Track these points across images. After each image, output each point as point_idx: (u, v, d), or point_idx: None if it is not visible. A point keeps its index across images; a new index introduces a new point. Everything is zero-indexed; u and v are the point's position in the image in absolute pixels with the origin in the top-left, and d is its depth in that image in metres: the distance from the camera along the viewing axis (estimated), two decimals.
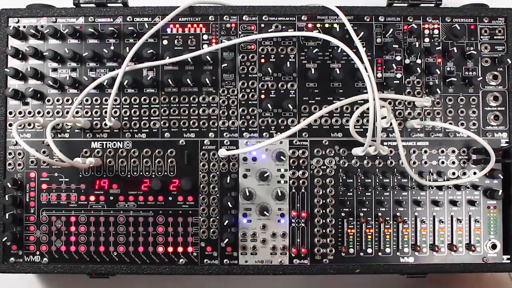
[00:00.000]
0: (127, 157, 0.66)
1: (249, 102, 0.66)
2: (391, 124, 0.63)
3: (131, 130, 0.66)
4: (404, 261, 0.65)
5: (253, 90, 0.66)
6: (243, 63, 0.67)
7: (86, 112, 0.66)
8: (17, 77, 0.65)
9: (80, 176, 0.66)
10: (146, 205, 0.65)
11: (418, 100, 0.65)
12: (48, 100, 0.66)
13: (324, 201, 0.66)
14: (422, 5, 0.67)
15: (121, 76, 0.60)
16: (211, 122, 0.66)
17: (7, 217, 0.63)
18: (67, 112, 0.65)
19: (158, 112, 0.66)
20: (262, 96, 0.66)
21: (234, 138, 0.66)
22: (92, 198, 0.65)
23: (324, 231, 0.66)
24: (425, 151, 0.66)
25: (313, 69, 0.65)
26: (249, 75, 0.67)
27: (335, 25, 0.66)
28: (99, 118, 0.66)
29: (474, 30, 0.67)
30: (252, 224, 0.66)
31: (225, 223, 0.64)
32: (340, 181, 0.66)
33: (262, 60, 0.67)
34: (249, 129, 0.66)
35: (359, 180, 0.66)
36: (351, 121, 0.60)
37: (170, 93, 0.66)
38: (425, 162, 0.66)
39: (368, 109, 0.58)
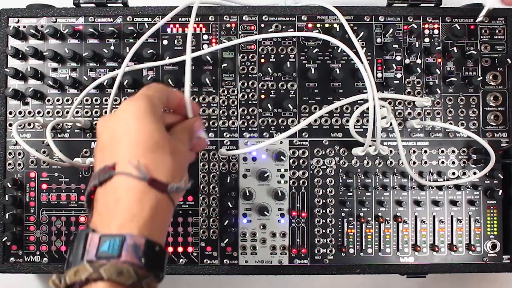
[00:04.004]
0: None
1: (249, 102, 0.66)
2: (391, 124, 0.63)
3: None
4: (404, 261, 0.65)
5: (253, 90, 0.66)
6: (243, 63, 0.67)
7: (86, 112, 0.66)
8: (17, 77, 0.65)
9: (80, 176, 0.66)
10: None
11: (418, 100, 0.65)
12: (48, 100, 0.66)
13: (324, 201, 0.66)
14: (422, 5, 0.67)
15: (121, 76, 0.60)
16: (211, 122, 0.66)
17: (7, 217, 0.63)
18: (67, 112, 0.65)
19: None
20: (262, 96, 0.66)
21: (234, 138, 0.66)
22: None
23: (324, 231, 0.66)
24: (425, 151, 0.66)
25: (313, 69, 0.65)
26: (249, 75, 0.67)
27: (335, 25, 0.66)
28: (99, 118, 0.66)
29: (474, 30, 0.67)
30: (252, 224, 0.66)
31: (225, 223, 0.64)
32: (340, 181, 0.66)
33: (262, 60, 0.67)
34: (249, 129, 0.66)
35: (359, 180, 0.66)
36: (351, 121, 0.61)
37: None
38: (425, 162, 0.66)
39: (368, 109, 0.58)
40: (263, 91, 0.66)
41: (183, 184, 0.45)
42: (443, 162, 0.66)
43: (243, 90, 0.66)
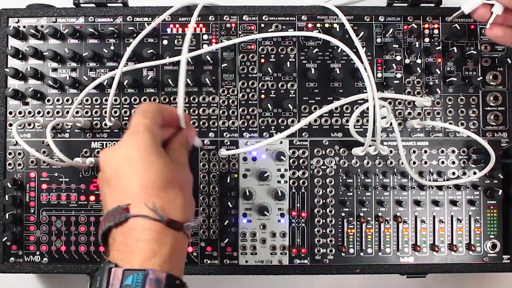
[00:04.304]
0: None
1: (249, 102, 0.66)
2: (391, 124, 0.63)
3: None
4: (404, 261, 0.65)
5: (253, 90, 0.66)
6: (243, 63, 0.67)
7: (86, 112, 0.66)
8: (17, 77, 0.65)
9: (80, 176, 0.66)
10: None
11: (418, 100, 0.65)
12: (48, 100, 0.66)
13: (324, 201, 0.66)
14: (422, 5, 0.67)
15: (119, 77, 0.60)
16: (211, 122, 0.66)
17: (7, 217, 0.63)
18: (67, 112, 0.65)
19: None
20: (262, 96, 0.66)
21: (234, 138, 0.66)
22: (92, 198, 0.65)
23: (324, 231, 0.66)
24: (425, 151, 0.66)
25: (313, 69, 0.65)
26: (249, 75, 0.67)
27: (335, 25, 0.66)
28: (99, 118, 0.66)
29: (474, 30, 0.67)
30: (252, 224, 0.66)
31: (225, 223, 0.64)
32: (340, 181, 0.66)
33: (262, 60, 0.67)
34: (249, 129, 0.66)
35: (359, 180, 0.66)
36: (351, 121, 0.61)
37: (170, 93, 0.66)
38: (425, 162, 0.66)
39: (368, 108, 0.58)
40: (263, 91, 0.66)
41: (197, 223, 0.48)
42: (443, 162, 0.66)
43: (243, 90, 0.66)
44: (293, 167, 0.66)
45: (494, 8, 0.53)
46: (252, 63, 0.66)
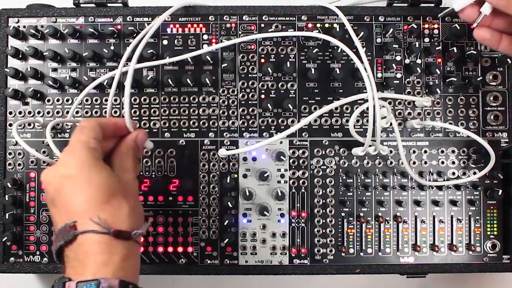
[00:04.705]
0: None
1: (249, 102, 0.66)
2: (391, 124, 0.63)
3: None
4: (404, 261, 0.66)
5: (253, 90, 0.66)
6: (243, 63, 0.67)
7: (86, 112, 0.66)
8: (17, 77, 0.65)
9: None
10: (146, 205, 0.65)
11: (418, 100, 0.65)
12: (48, 100, 0.66)
13: (324, 201, 0.66)
14: (422, 5, 0.67)
15: (119, 77, 0.60)
16: (211, 122, 0.66)
17: (7, 217, 0.63)
18: (67, 112, 0.65)
19: (158, 112, 0.66)
20: (262, 96, 0.66)
21: (234, 138, 0.66)
22: None
23: (324, 231, 0.66)
24: (425, 151, 0.66)
25: (313, 69, 0.65)
26: (249, 75, 0.67)
27: (335, 25, 0.66)
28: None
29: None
30: (252, 224, 0.66)
31: (225, 223, 0.64)
32: (340, 181, 0.66)
33: (262, 60, 0.67)
34: (249, 129, 0.66)
35: (359, 180, 0.66)
36: (351, 121, 0.61)
37: (170, 93, 0.66)
38: (425, 162, 0.66)
39: (368, 108, 0.58)
40: (263, 91, 0.66)
41: (145, 229, 0.48)
42: (443, 162, 0.66)
43: (243, 90, 0.66)
44: (293, 167, 0.66)
45: (482, 8, 0.53)
46: (252, 63, 0.66)
